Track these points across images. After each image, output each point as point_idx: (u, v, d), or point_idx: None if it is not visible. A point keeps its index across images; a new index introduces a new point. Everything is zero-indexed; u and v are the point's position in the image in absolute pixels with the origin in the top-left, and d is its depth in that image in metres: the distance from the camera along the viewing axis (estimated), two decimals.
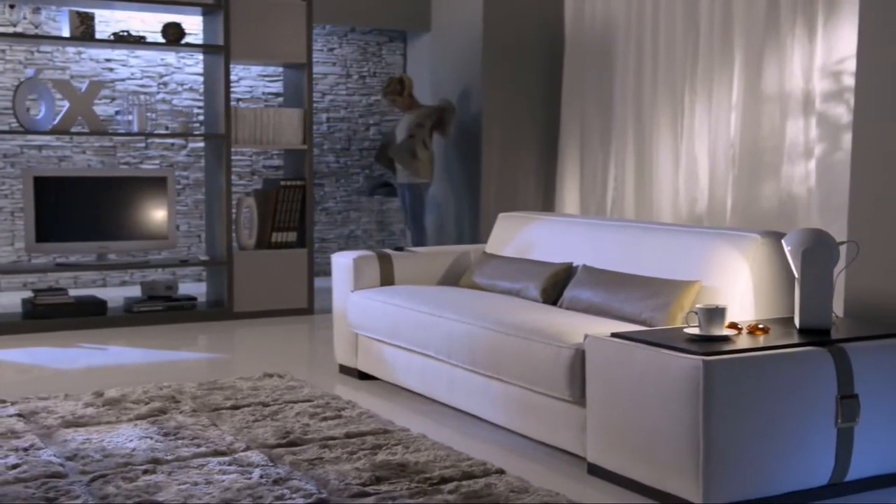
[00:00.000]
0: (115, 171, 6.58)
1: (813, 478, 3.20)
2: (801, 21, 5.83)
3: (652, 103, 6.89)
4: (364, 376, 4.91)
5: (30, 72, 6.44)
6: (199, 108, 8.24)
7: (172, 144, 8.27)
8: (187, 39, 6.92)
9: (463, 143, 7.95)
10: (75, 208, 6.31)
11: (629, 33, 7.09)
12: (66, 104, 6.32)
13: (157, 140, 8.15)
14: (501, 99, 7.74)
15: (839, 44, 5.64)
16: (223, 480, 3.29)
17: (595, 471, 3.46)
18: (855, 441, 3.23)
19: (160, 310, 6.47)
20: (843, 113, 5.70)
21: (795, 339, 3.29)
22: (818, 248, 3.38)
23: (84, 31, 6.28)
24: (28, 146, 7.75)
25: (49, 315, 6.19)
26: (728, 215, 6.37)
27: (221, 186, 6.66)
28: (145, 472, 3.37)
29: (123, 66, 8.09)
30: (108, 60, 8.01)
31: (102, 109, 7.84)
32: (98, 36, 6.71)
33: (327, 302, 7.29)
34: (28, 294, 7.21)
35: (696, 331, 3.32)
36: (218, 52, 6.63)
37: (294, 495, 3.15)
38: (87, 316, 6.29)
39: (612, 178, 7.35)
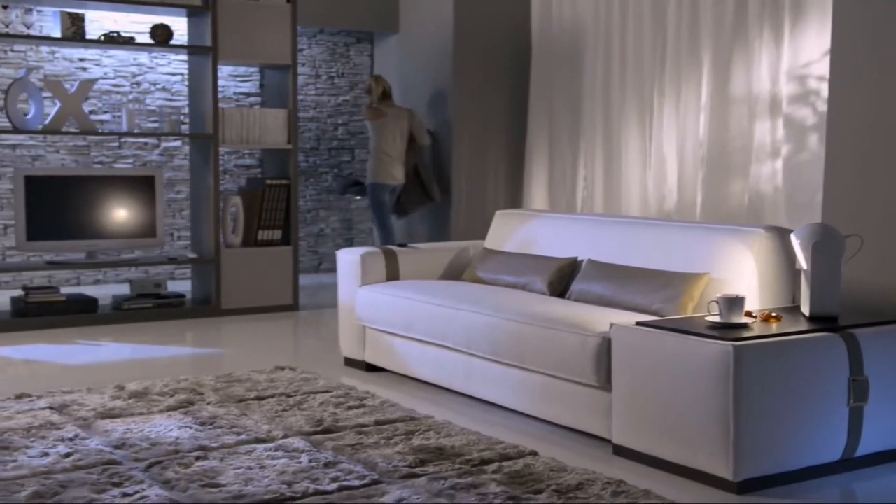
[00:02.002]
0: (104, 171, 6.66)
1: (827, 454, 3.46)
2: (769, 26, 6.13)
3: (620, 105, 7.15)
4: (371, 368, 5.07)
5: (21, 72, 6.47)
6: (172, 107, 8.31)
7: (146, 144, 8.33)
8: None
9: (433, 143, 8.14)
10: (65, 207, 6.36)
11: (597, 37, 7.34)
12: (57, 104, 6.38)
13: (131, 139, 8.20)
14: (471, 100, 7.95)
15: (805, 48, 5.95)
16: (275, 465, 3.45)
17: (621, 451, 3.68)
18: (864, 420, 3.50)
19: (150, 307, 6.56)
20: (808, 115, 6.02)
21: (809, 326, 3.55)
22: (827, 242, 3.65)
23: (75, 32, 6.35)
24: (2, 144, 7.75)
25: (41, 313, 6.24)
26: (698, 213, 6.66)
27: (209, 186, 6.77)
28: (197, 458, 3.51)
29: (97, 65, 8.12)
30: (81, 60, 8.04)
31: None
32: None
33: (306, 298, 7.46)
34: (9, 293, 7.22)
35: (716, 319, 3.57)
36: (205, 54, 6.73)
37: (348, 477, 3.32)
38: (78, 314, 6.35)
39: (582, 178, 7.60)
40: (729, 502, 3.25)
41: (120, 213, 6.53)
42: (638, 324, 3.64)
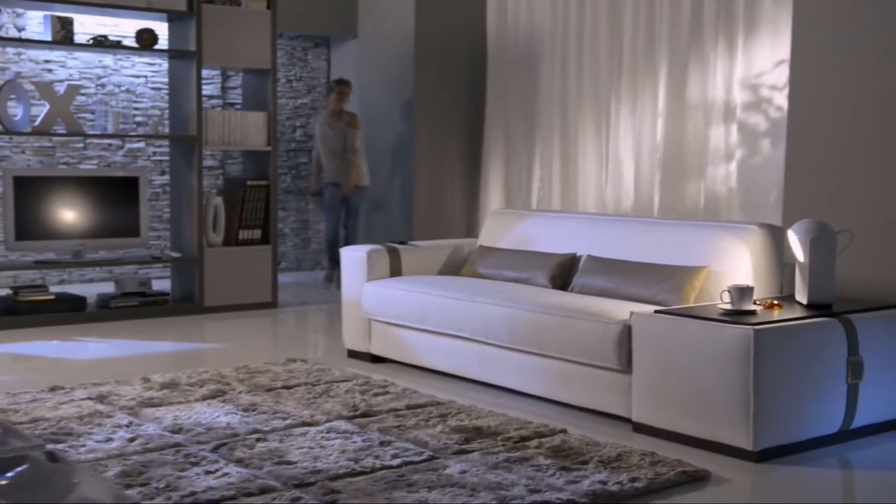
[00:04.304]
0: (90, 172, 6.79)
1: (828, 426, 3.87)
2: (723, 38, 6.58)
3: (577, 110, 7.53)
4: (376, 359, 5.34)
5: (10, 74, 6.56)
6: (136, 109, 8.44)
7: (110, 145, 8.43)
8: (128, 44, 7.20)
9: (394, 147, 8.46)
10: (51, 207, 6.47)
11: (553, 45, 7.71)
12: (46, 106, 6.50)
13: (95, 140, 8.29)
14: (431, 103, 8.30)
15: (758, 59, 6.42)
16: (333, 444, 3.71)
17: (640, 428, 4.04)
18: (860, 395, 3.92)
19: (136, 305, 6.71)
20: (760, 121, 6.48)
21: (809, 313, 3.95)
22: (823, 237, 4.07)
23: (64, 36, 6.47)
24: None
25: (31, 311, 6.35)
26: (655, 212, 7.08)
27: (192, 186, 6.94)
28: (258, 440, 3.75)
29: (62, 66, 8.20)
30: (46, 62, 8.11)
31: (39, 109, 7.93)
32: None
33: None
34: None
35: (727, 306, 3.95)
36: (189, 58, 6.91)
37: (406, 453, 3.61)
38: (67, 312, 6.48)
39: (538, 178, 7.97)
40: (750, 470, 3.62)
41: (104, 214, 6.66)
42: (657, 311, 4.00)
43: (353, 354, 5.48)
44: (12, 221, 6.34)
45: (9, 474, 1.93)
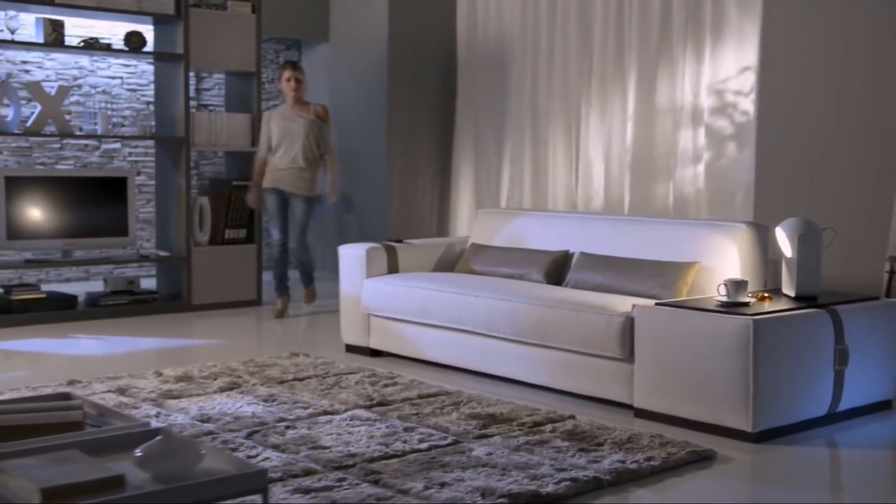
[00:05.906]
0: (79, 172, 6.89)
1: (817, 409, 4.16)
2: (691, 45, 6.88)
3: (547, 113, 7.78)
4: (374, 353, 5.54)
5: (2, 75, 6.64)
6: (112, 110, 8.52)
7: (86, 146, 8.51)
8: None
9: (366, 148, 8.66)
10: (41, 207, 6.57)
11: (524, 49, 7.96)
12: (38, 107, 6.59)
13: (72, 141, 8.38)
14: (403, 105, 8.53)
15: (724, 66, 6.73)
16: (360, 431, 3.91)
17: (642, 414, 4.30)
18: (845, 380, 4.22)
19: (125, 303, 6.83)
20: (726, 125, 6.80)
21: (798, 304, 4.24)
22: (809, 233, 4.36)
23: (56, 38, 6.58)
24: None
25: (24, 310, 6.44)
26: (626, 211, 7.37)
27: (179, 186, 7.08)
28: (287, 427, 3.94)
29: (39, 67, 8.27)
30: (24, 62, 8.18)
31: (25, 111, 8.00)
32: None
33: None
34: None
35: (723, 299, 4.22)
36: (175, 60, 7.05)
37: (431, 438, 3.82)
38: (58, 310, 6.58)
39: (508, 178, 8.22)
40: (751, 450, 3.90)
41: (93, 213, 6.77)
42: (658, 304, 4.26)
43: (351, 349, 5.67)
44: (3, 221, 6.43)
45: (139, 449, 2.10)
